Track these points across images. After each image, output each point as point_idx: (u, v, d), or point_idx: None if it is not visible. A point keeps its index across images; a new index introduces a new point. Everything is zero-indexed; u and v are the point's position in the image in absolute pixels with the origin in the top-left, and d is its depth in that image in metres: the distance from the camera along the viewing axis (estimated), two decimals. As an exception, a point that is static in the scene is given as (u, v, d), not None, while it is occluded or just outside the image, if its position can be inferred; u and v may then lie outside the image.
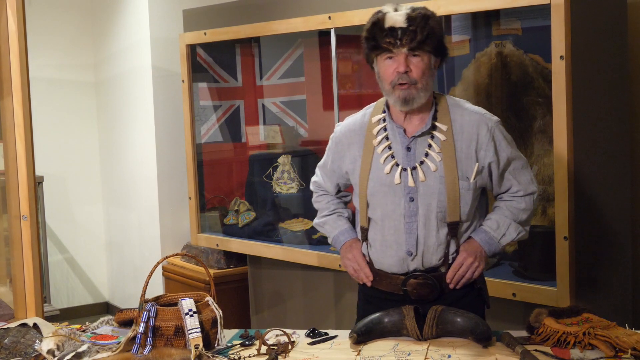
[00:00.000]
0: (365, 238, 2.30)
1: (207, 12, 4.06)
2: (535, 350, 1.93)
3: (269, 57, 4.29)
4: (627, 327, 2.01)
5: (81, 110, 5.64)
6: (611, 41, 2.79)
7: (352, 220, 2.45)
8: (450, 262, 2.22)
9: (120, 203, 5.48)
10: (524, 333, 2.08)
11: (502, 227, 2.26)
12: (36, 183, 2.65)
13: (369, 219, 2.27)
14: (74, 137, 5.62)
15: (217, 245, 4.15)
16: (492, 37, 3.19)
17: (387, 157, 2.21)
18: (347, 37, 3.60)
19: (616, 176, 2.83)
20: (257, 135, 4.44)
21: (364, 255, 2.32)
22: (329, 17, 3.38)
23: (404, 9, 2.12)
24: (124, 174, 5.36)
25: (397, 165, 2.20)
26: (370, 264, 2.30)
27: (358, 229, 2.36)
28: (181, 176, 4.64)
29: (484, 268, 2.26)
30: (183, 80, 4.13)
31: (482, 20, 3.24)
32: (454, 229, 2.20)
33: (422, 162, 2.18)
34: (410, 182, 2.17)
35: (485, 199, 2.33)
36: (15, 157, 2.56)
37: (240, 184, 4.44)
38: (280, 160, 4.10)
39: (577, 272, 2.66)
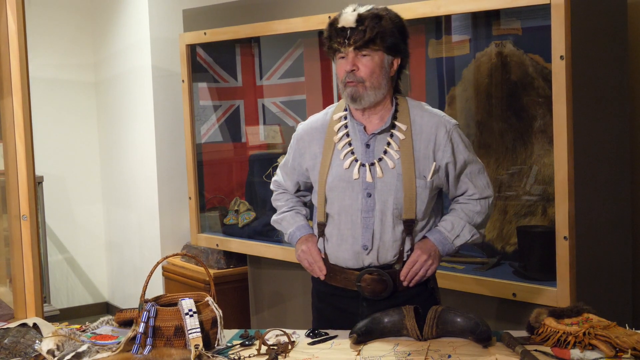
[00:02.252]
0: (322, 233, 2.33)
1: (207, 12, 4.06)
2: (536, 350, 1.93)
3: (269, 57, 4.29)
4: (627, 327, 2.01)
5: (81, 110, 5.64)
6: (611, 41, 2.79)
7: (309, 219, 2.48)
8: (404, 259, 2.25)
9: (120, 203, 5.48)
10: (524, 333, 2.08)
11: (456, 228, 2.29)
12: (36, 183, 2.65)
13: (326, 215, 2.30)
14: (74, 137, 5.62)
15: (217, 245, 4.15)
16: (492, 37, 3.19)
17: (347, 153, 2.26)
18: (347, 37, 3.59)
19: (616, 176, 2.83)
20: (257, 135, 4.44)
21: (319, 250, 2.34)
22: (329, 17, 3.37)
23: (361, 9, 2.17)
24: (124, 174, 5.36)
25: (356, 160, 2.24)
26: (325, 259, 2.32)
27: (315, 226, 2.38)
28: (181, 176, 4.64)
29: (437, 267, 2.30)
30: (183, 80, 4.13)
31: (482, 20, 3.24)
32: (409, 226, 2.23)
33: (380, 159, 2.23)
34: (368, 178, 2.22)
35: (441, 202, 2.36)
36: (15, 157, 2.55)
37: (240, 184, 4.44)
38: (280, 160, 4.10)
39: (577, 272, 2.66)
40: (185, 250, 4.71)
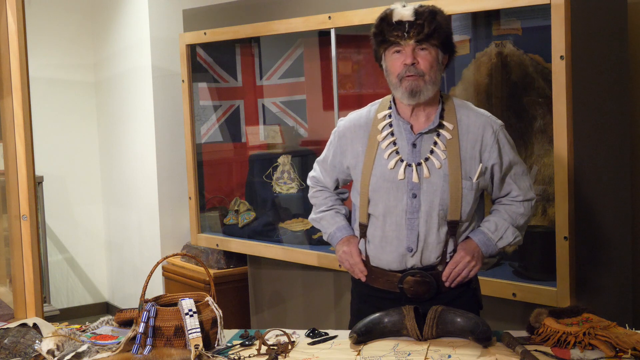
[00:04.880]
0: (363, 234, 2.30)
1: (207, 12, 4.06)
2: (536, 350, 1.93)
3: (269, 57, 4.29)
4: (627, 327, 2.01)
5: (81, 110, 5.64)
6: (611, 41, 2.78)
7: (348, 219, 2.45)
8: (447, 261, 2.23)
9: (120, 203, 5.48)
10: (524, 333, 2.08)
11: (500, 229, 2.27)
12: (36, 183, 2.65)
13: (369, 215, 2.27)
14: (74, 137, 5.62)
15: (217, 245, 4.15)
16: (492, 37, 3.19)
17: (391, 153, 2.22)
18: (347, 37, 3.60)
19: (616, 176, 2.83)
20: (257, 135, 4.44)
21: (360, 252, 2.32)
22: (329, 17, 3.38)
23: (412, 5, 2.16)
24: (124, 174, 5.36)
25: (402, 160, 2.20)
26: (366, 261, 2.30)
27: (355, 226, 2.36)
28: (181, 176, 4.64)
29: (480, 269, 2.28)
30: (183, 80, 4.13)
31: (482, 20, 3.24)
32: (453, 227, 2.21)
33: (427, 159, 2.20)
34: (415, 178, 2.18)
35: (482, 202, 2.34)
36: (15, 157, 2.55)
37: (240, 184, 4.44)
38: (280, 160, 4.10)
39: (577, 272, 2.66)
40: (185, 250, 4.71)
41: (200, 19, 4.05)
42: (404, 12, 2.13)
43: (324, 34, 3.80)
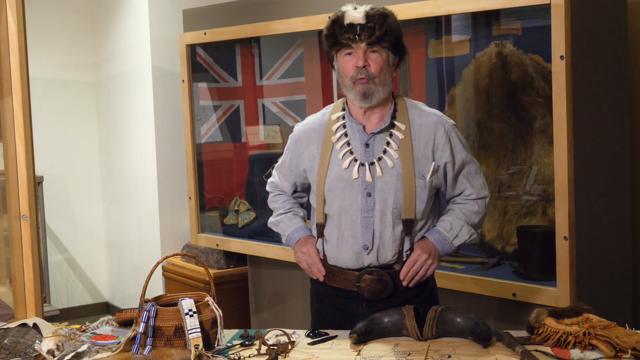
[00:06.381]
0: (321, 234, 2.33)
1: (207, 12, 4.06)
2: (536, 350, 1.93)
3: (269, 57, 4.29)
4: (627, 327, 2.01)
5: (81, 110, 5.64)
6: (611, 41, 2.79)
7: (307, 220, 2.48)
8: (404, 259, 2.25)
9: (120, 203, 5.48)
10: (524, 333, 2.08)
11: (455, 228, 2.30)
12: (36, 183, 2.65)
13: (325, 215, 2.30)
14: (74, 137, 5.62)
15: (217, 245, 4.15)
16: (492, 37, 3.19)
17: (345, 153, 2.26)
18: (347, 37, 3.59)
19: (616, 176, 2.83)
20: (257, 135, 4.44)
21: (318, 251, 2.34)
22: (329, 17, 3.37)
23: (363, 7, 2.19)
24: (124, 174, 5.36)
25: (356, 160, 2.24)
26: (324, 260, 2.32)
27: (313, 227, 2.38)
28: (181, 176, 4.65)
29: (437, 267, 2.30)
30: (183, 80, 4.13)
31: (482, 20, 3.24)
32: (408, 226, 2.24)
33: (380, 158, 2.23)
34: (368, 177, 2.22)
35: (438, 202, 2.37)
36: (15, 157, 2.55)
37: (240, 184, 4.44)
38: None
39: (577, 272, 2.66)
40: (185, 250, 4.71)
41: (200, 19, 4.05)
42: (355, 15, 2.17)
43: (324, 34, 3.80)
